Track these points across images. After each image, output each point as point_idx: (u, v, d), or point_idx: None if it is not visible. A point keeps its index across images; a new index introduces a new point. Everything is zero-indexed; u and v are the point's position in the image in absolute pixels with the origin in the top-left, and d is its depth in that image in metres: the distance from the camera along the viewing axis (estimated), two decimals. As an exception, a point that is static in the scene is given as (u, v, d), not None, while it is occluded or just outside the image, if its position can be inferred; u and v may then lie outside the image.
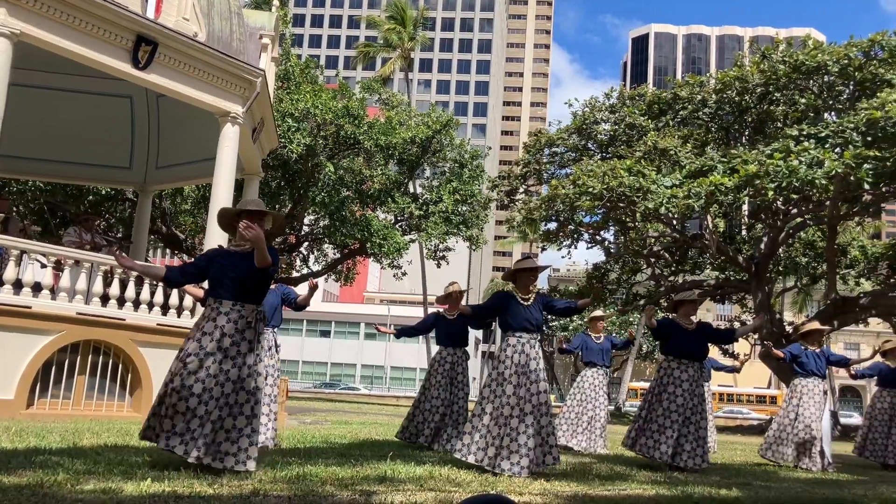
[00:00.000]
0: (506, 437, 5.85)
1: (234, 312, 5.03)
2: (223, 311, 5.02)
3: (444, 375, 8.03)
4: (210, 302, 5.10)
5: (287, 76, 24.25)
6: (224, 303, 5.04)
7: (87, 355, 10.34)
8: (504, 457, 5.79)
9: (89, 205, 23.76)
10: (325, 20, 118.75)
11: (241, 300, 5.07)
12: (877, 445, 10.12)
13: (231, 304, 5.04)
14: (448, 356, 8.12)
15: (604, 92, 26.58)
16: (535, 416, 5.92)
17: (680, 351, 7.49)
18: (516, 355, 6.10)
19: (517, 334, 6.19)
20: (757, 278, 24.06)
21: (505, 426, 5.89)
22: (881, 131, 17.18)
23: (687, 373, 7.40)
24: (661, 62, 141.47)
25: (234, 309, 5.04)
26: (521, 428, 5.85)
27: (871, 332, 56.68)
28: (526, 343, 6.14)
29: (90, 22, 10.02)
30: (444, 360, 8.10)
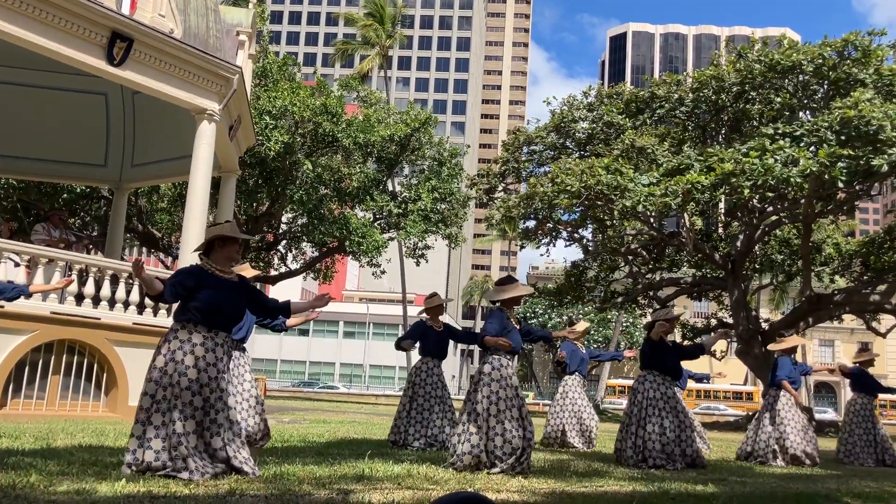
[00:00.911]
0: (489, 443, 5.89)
1: (227, 345, 5.02)
2: (219, 343, 4.94)
3: (434, 385, 8.13)
4: (199, 329, 4.87)
5: (265, 73, 24.10)
6: (220, 334, 4.95)
7: (61, 355, 10.22)
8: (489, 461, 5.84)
9: (64, 203, 23.50)
10: (303, 17, 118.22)
11: (228, 331, 5.05)
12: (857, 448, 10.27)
13: (224, 336, 4.99)
14: (434, 367, 8.23)
15: (582, 90, 26.70)
16: (516, 422, 5.94)
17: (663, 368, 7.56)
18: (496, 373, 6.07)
19: (507, 356, 6.21)
20: (733, 276, 24.27)
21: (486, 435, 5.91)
22: (855, 130, 17.39)
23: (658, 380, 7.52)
24: (639, 61, 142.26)
25: (226, 341, 5.00)
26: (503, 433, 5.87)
27: (846, 328, 57.45)
28: (507, 366, 6.17)
29: (64, 18, 9.90)
30: (431, 372, 8.19)
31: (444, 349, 8.33)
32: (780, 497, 5.44)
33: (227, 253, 5.09)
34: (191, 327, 4.88)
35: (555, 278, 29.65)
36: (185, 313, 4.93)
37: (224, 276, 5.03)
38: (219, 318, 4.93)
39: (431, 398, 8.07)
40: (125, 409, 10.42)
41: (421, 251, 28.26)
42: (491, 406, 5.95)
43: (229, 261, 5.12)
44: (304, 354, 68.11)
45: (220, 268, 5.05)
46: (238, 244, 5.15)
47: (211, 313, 4.89)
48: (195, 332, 4.87)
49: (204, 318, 4.89)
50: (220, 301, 4.92)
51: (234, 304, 5.03)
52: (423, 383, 8.12)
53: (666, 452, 7.15)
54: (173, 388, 4.69)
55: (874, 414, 10.56)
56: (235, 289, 5.05)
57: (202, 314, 4.88)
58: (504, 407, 5.96)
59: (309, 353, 68.27)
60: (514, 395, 6.06)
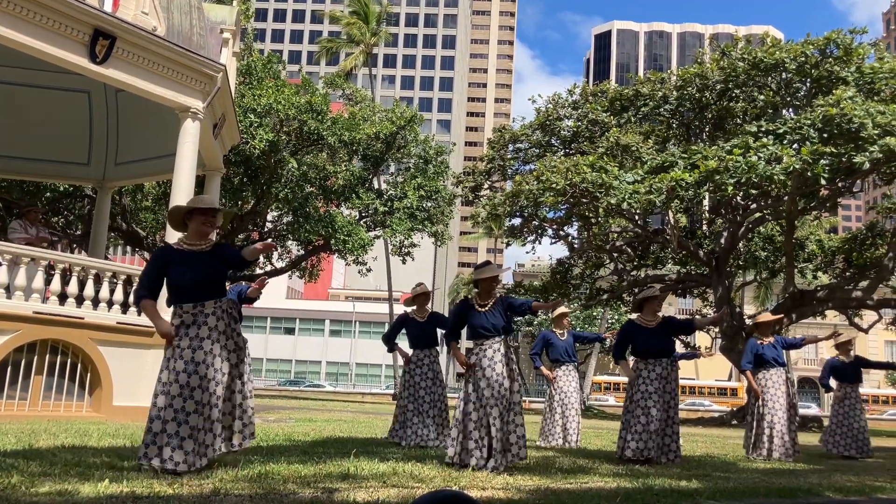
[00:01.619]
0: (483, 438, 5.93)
1: (219, 310, 5.06)
2: (209, 312, 5.00)
3: (424, 377, 8.12)
4: (187, 307, 4.98)
5: (249, 71, 24.00)
6: (207, 304, 5.01)
7: (44, 355, 10.15)
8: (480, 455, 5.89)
9: (47, 201, 23.33)
10: (288, 15, 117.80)
11: (218, 297, 5.10)
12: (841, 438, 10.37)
13: (213, 303, 5.04)
14: (425, 357, 8.22)
15: (567, 88, 26.77)
16: (503, 415, 5.96)
17: (645, 352, 7.57)
18: (480, 360, 6.16)
19: (478, 341, 6.28)
20: (717, 272, 24.42)
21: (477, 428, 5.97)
22: (837, 128, 17.54)
23: (655, 371, 7.48)
24: (624, 59, 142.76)
25: (217, 307, 5.05)
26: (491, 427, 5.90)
27: (828, 324, 57.80)
28: (488, 348, 6.19)
29: (45, 15, 9.81)
30: (420, 362, 8.19)
31: (430, 339, 8.28)
32: (763, 491, 5.48)
33: (194, 226, 5.15)
34: (178, 309, 5.01)
35: (541, 276, 29.76)
36: (170, 295, 5.09)
37: (193, 249, 5.09)
38: (191, 290, 4.98)
39: (420, 389, 8.05)
40: (109, 409, 10.37)
41: (407, 249, 28.25)
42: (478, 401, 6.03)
43: (199, 234, 5.14)
44: (290, 353, 67.95)
45: (190, 242, 5.12)
46: (207, 216, 5.15)
47: (181, 288, 4.97)
48: (184, 314, 5.00)
49: (176, 294, 5.00)
50: (186, 273, 4.97)
51: (205, 272, 5.03)
52: (413, 373, 8.14)
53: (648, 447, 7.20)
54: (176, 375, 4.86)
55: (860, 402, 10.63)
56: (205, 258, 5.07)
57: (172, 290, 5.03)
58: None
59: (295, 351, 68.11)
60: (501, 381, 6.07)
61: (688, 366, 61.10)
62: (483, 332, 6.24)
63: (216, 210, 5.22)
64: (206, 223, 5.16)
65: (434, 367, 8.22)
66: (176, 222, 5.28)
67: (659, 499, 4.78)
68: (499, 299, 6.42)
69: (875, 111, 17.52)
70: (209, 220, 5.16)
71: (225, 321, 5.08)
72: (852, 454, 10.17)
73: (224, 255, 5.22)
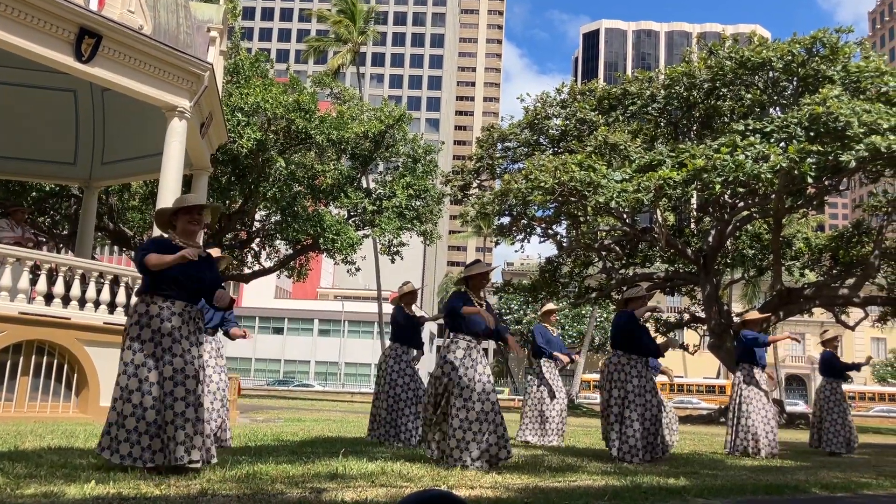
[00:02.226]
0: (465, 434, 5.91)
1: (186, 314, 4.94)
2: (176, 312, 4.89)
3: (402, 374, 8.04)
4: (156, 300, 4.88)
5: (236, 70, 23.91)
6: (176, 303, 4.91)
7: (30, 356, 10.08)
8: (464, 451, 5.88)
9: (33, 201, 23.18)
10: (276, 13, 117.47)
11: (193, 302, 5.01)
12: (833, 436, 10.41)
13: (183, 304, 4.94)
14: (403, 354, 8.16)
15: (555, 87, 26.81)
16: (488, 414, 5.96)
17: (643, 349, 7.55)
18: (465, 359, 6.12)
19: (467, 338, 6.21)
20: (705, 270, 24.52)
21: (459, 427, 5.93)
22: (823, 126, 17.65)
23: (636, 368, 7.49)
24: (612, 58, 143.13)
25: (185, 311, 4.94)
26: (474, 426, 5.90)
27: (815, 321, 58.20)
28: (473, 349, 6.18)
29: (30, 13, 9.74)
30: (399, 358, 8.12)
31: (418, 339, 8.29)
32: (750, 488, 5.51)
33: (181, 226, 5.10)
34: (148, 299, 4.87)
35: (529, 274, 29.82)
36: (145, 283, 4.92)
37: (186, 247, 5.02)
38: (183, 281, 4.89)
39: (397, 387, 7.98)
40: (96, 410, 10.31)
41: (396, 248, 28.22)
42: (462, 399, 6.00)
43: (187, 234, 5.09)
44: (278, 353, 67.77)
45: (184, 242, 5.05)
46: (192, 214, 5.09)
47: (174, 277, 4.86)
48: (152, 304, 4.86)
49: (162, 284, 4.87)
50: (190, 268, 4.89)
51: (202, 274, 4.99)
52: (390, 370, 8.04)
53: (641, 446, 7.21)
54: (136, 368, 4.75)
55: (844, 398, 10.70)
56: (203, 260, 5.04)
57: (161, 280, 4.86)
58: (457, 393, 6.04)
59: (284, 351, 67.94)
60: (484, 380, 6.06)
61: (676, 363, 61.35)
62: (478, 332, 6.22)
63: (202, 207, 5.17)
64: (191, 222, 5.11)
65: (413, 364, 8.17)
66: (163, 223, 5.22)
67: (647, 496, 4.80)
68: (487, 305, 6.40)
69: (861, 110, 17.64)
70: (194, 218, 5.11)
71: (190, 328, 4.94)
72: (841, 451, 10.24)
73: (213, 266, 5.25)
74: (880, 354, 67.17)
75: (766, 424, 8.94)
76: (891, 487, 6.09)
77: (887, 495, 5.70)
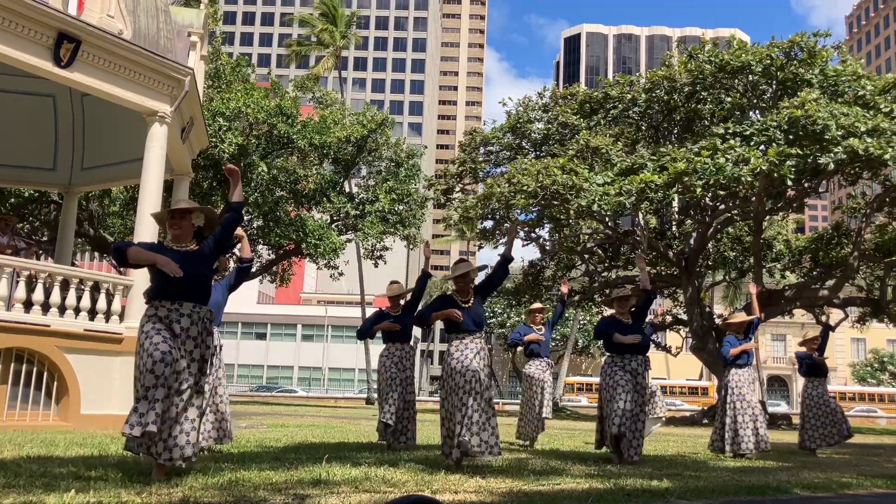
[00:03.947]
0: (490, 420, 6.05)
1: (196, 315, 4.97)
2: (185, 313, 4.93)
3: (396, 369, 7.97)
4: (165, 303, 4.92)
5: (218, 75, 23.82)
6: (185, 304, 4.94)
7: (8, 363, 9.96)
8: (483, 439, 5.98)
9: (11, 207, 22.93)
10: (257, 18, 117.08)
11: (199, 301, 5.03)
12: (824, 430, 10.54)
13: (192, 306, 4.97)
14: (396, 351, 8.08)
15: (537, 91, 26.91)
16: (480, 411, 6.02)
17: (621, 346, 7.62)
18: (459, 353, 6.23)
19: (459, 335, 6.33)
20: (687, 273, 24.67)
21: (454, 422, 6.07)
22: (802, 129, 17.81)
23: (630, 366, 7.59)
24: (593, 62, 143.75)
25: (194, 311, 4.97)
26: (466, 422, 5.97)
27: (796, 323, 58.73)
28: (470, 343, 6.28)
29: (7, 18, 9.65)
30: (392, 355, 8.05)
31: (403, 333, 8.18)
32: (733, 489, 5.54)
33: (168, 229, 5.15)
34: (156, 303, 4.93)
35: (513, 278, 29.84)
36: (151, 290, 5.00)
37: (181, 249, 5.06)
38: (179, 287, 4.91)
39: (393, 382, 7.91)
40: (77, 418, 10.21)
41: (379, 252, 28.19)
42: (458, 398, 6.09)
43: (174, 237, 5.11)
44: (261, 358, 67.43)
45: (177, 244, 5.09)
46: (173, 218, 5.11)
47: (170, 283, 4.88)
48: (160, 307, 4.91)
49: (161, 290, 4.92)
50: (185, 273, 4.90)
51: (198, 270, 5.00)
52: (385, 369, 8.01)
53: None
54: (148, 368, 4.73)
55: (827, 394, 10.80)
56: (194, 257, 5.04)
57: (158, 285, 4.93)
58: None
59: (267, 356, 67.62)
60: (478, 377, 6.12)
61: (659, 365, 61.64)
62: (466, 328, 6.30)
63: (182, 211, 5.15)
64: (171, 226, 5.13)
65: (405, 362, 8.07)
66: (162, 226, 5.33)
67: (630, 499, 4.81)
68: (476, 291, 6.51)
69: (839, 113, 17.83)
70: (173, 222, 5.12)
71: (199, 328, 4.98)
72: (838, 441, 10.40)
73: (213, 245, 5.16)
74: (860, 355, 67.84)
75: (754, 422, 9.00)
76: (872, 487, 6.14)
77: (868, 494, 5.75)
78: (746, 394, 9.13)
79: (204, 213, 5.26)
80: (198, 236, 5.22)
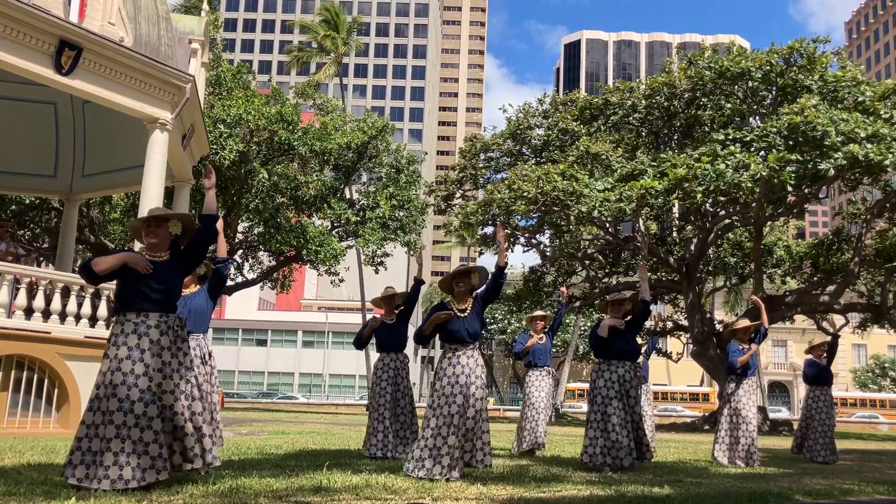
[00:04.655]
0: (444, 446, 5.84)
1: (163, 324, 4.86)
2: (152, 325, 4.81)
3: (390, 382, 7.86)
4: (130, 316, 4.81)
5: (219, 81, 23.87)
6: (151, 315, 4.83)
7: (9, 370, 9.97)
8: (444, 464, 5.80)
9: (12, 214, 22.98)
10: (258, 25, 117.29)
11: (166, 311, 4.92)
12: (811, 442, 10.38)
13: (158, 316, 4.86)
14: (391, 361, 7.97)
15: (537, 98, 26.95)
16: (472, 423, 5.94)
17: (608, 353, 7.45)
18: (451, 368, 6.07)
19: (453, 347, 6.18)
20: (688, 278, 24.66)
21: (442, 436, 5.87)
22: (802, 135, 17.83)
23: (617, 373, 7.34)
24: (593, 68, 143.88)
25: (161, 321, 4.86)
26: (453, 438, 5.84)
27: (797, 328, 58.70)
28: (462, 355, 6.12)
29: (9, 26, 9.68)
30: (387, 367, 7.93)
31: (398, 342, 8.06)
32: (734, 496, 5.53)
33: (144, 238, 5.04)
34: (121, 318, 4.82)
35: (513, 284, 29.84)
36: (117, 300, 4.87)
37: (153, 259, 4.94)
38: (143, 299, 4.80)
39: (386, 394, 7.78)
40: (77, 425, 10.18)
41: (380, 259, 28.21)
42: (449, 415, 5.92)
43: (148, 246, 5.00)
44: (262, 365, 67.35)
45: (150, 253, 4.98)
46: (149, 226, 5.00)
47: (135, 294, 4.78)
48: (126, 322, 4.79)
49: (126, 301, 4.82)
50: (143, 280, 4.81)
51: (162, 282, 4.87)
52: (379, 379, 7.88)
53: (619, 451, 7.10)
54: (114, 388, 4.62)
55: (832, 405, 10.58)
56: (163, 267, 4.92)
57: (123, 297, 4.83)
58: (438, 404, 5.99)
59: (267, 363, 67.54)
60: (473, 391, 5.98)
61: (659, 371, 61.56)
62: (461, 338, 6.16)
63: (158, 219, 5.03)
64: (147, 234, 5.01)
65: (401, 372, 7.95)
66: (137, 236, 5.21)
67: (631, 506, 4.81)
68: (475, 300, 6.34)
69: (838, 119, 17.85)
70: (149, 230, 5.00)
71: (170, 338, 4.86)
72: (829, 458, 10.17)
73: (186, 254, 5.06)
74: (861, 361, 67.74)
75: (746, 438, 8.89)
76: (874, 493, 6.13)
77: (870, 501, 5.74)
78: (742, 408, 9.00)
79: (181, 221, 5.11)
80: (174, 245, 5.09)
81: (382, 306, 8.25)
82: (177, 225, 5.06)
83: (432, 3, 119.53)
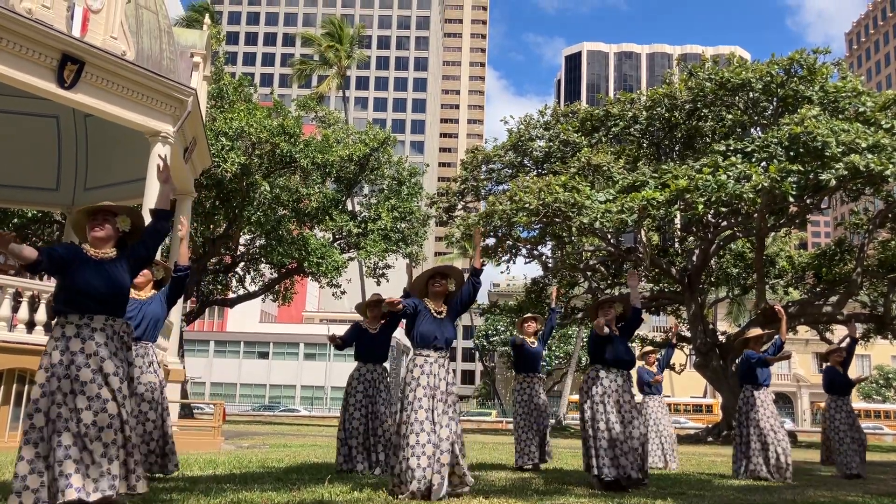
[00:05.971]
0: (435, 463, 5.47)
1: (109, 329, 4.41)
2: (97, 328, 4.35)
3: (364, 394, 7.60)
4: (72, 319, 4.35)
5: (220, 95, 23.94)
6: (96, 318, 4.37)
7: (11, 384, 9.95)
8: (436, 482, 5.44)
9: (14, 227, 23.00)
10: (260, 38, 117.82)
11: (113, 314, 4.46)
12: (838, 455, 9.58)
13: (104, 319, 4.40)
14: (367, 373, 7.70)
15: (538, 109, 27.01)
16: (455, 437, 5.60)
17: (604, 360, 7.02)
18: (424, 377, 5.62)
19: (425, 353, 5.69)
20: (690, 290, 24.63)
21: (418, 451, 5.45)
22: (803, 146, 17.85)
23: (616, 382, 6.96)
24: (594, 80, 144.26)
25: (107, 324, 4.40)
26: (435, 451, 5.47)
27: (800, 339, 58.54)
28: (434, 363, 5.67)
29: (12, 40, 9.72)
30: (362, 378, 7.67)
31: (378, 353, 7.79)
32: (738, 509, 5.50)
33: (88, 231, 4.61)
34: (62, 320, 4.36)
35: (515, 295, 29.83)
36: (57, 301, 4.42)
37: (100, 257, 4.50)
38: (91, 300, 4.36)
39: (360, 406, 7.52)
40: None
41: (381, 271, 28.21)
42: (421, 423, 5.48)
43: (92, 242, 4.57)
44: (263, 377, 67.24)
45: (94, 250, 4.54)
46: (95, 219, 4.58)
47: (81, 294, 4.35)
48: (67, 325, 4.34)
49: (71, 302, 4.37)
50: (93, 278, 4.38)
51: (113, 281, 4.44)
52: (353, 391, 7.62)
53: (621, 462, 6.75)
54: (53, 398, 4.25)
55: (853, 414, 9.89)
56: (112, 266, 4.49)
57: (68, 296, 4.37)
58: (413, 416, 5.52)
59: (269, 375, 67.43)
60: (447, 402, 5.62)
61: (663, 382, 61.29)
62: (435, 344, 5.69)
63: (105, 211, 4.63)
64: (93, 227, 4.59)
65: (378, 385, 7.65)
66: (80, 232, 4.72)
67: (635, 519, 4.78)
68: (451, 306, 5.94)
69: (839, 129, 17.88)
70: (94, 224, 4.58)
71: (115, 344, 4.40)
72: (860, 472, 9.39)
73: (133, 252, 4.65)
74: (864, 371, 67.52)
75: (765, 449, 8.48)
76: (877, 505, 6.10)
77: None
78: (761, 418, 8.62)
79: (130, 217, 4.70)
80: (121, 243, 4.66)
81: (367, 314, 7.96)
82: (125, 221, 4.66)
83: (433, 16, 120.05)
